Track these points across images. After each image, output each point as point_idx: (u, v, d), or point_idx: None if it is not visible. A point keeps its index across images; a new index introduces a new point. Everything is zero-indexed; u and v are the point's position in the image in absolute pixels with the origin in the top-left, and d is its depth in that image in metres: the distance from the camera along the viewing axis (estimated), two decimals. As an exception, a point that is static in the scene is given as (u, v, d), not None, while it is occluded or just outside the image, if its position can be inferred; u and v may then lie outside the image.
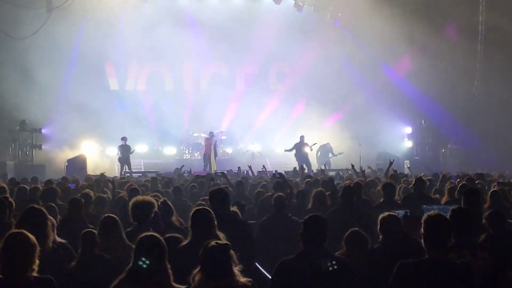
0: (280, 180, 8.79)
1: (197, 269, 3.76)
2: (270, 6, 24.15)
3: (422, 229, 3.85)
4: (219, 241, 3.88)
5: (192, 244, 4.50)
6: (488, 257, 4.35)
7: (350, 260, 4.31)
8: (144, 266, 3.62)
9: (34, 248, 3.68)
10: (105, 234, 5.05)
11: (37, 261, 3.67)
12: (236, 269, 3.77)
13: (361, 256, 4.76)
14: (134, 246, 3.86)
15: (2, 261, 3.60)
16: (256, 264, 4.48)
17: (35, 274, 3.65)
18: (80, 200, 6.86)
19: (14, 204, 6.31)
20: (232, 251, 3.78)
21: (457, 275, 3.71)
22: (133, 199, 5.62)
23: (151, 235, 3.86)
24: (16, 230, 3.80)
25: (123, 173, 18.86)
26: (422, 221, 3.88)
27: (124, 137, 20.53)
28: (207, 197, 6.17)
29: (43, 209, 5.01)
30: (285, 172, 14.25)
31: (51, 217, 5.06)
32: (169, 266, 3.74)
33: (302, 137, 21.15)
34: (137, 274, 3.66)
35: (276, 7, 24.07)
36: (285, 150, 20.90)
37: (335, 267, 4.04)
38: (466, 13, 21.24)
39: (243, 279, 3.77)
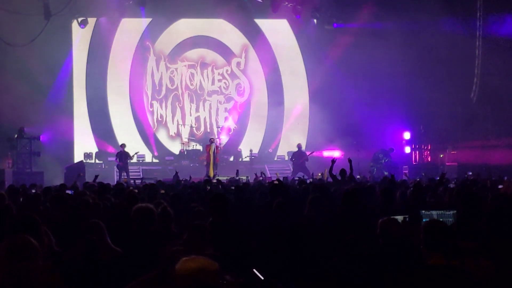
0: (276, 184, 8.67)
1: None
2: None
3: (421, 235, 3.83)
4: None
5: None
6: (491, 265, 4.31)
7: (348, 266, 4.29)
8: None
9: (38, 251, 3.57)
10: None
11: (41, 264, 3.57)
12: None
13: (358, 262, 4.73)
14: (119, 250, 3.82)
15: (7, 267, 3.46)
16: (254, 270, 4.45)
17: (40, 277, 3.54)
18: (77, 206, 6.82)
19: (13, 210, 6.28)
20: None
21: (456, 282, 3.68)
22: (135, 207, 5.47)
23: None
24: (17, 235, 3.63)
25: (121, 179, 18.81)
26: (421, 227, 3.86)
27: (122, 143, 20.57)
28: (204, 202, 6.13)
29: (35, 216, 4.91)
30: (283, 178, 14.23)
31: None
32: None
33: (299, 146, 21.27)
34: None
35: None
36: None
37: None
38: (463, 16, 21.34)
39: (228, 277, 3.74)
